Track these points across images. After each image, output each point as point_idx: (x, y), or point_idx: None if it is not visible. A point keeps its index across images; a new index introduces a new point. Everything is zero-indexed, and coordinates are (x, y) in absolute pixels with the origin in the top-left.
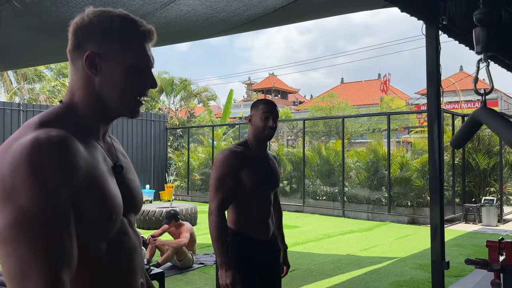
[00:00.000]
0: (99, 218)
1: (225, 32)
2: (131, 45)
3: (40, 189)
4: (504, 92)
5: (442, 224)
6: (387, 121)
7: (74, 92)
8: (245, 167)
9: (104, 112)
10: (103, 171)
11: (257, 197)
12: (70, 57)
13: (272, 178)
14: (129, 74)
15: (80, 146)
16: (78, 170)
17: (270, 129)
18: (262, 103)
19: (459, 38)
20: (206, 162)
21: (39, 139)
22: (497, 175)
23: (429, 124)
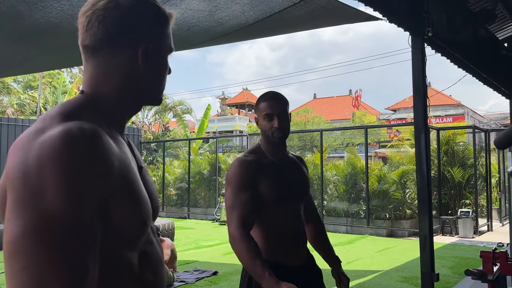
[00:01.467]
0: (133, 225)
1: (207, 42)
2: (167, 32)
3: (73, 193)
4: (470, 108)
5: (431, 236)
6: (365, 134)
7: (103, 81)
8: (261, 176)
9: (137, 103)
10: (135, 172)
11: (283, 211)
12: (111, 44)
13: (299, 186)
14: (167, 63)
15: (112, 142)
16: (113, 170)
17: (277, 130)
18: (262, 100)
19: (442, 50)
20: (182, 177)
21: (71, 132)
22: (472, 188)
23: (416, 135)
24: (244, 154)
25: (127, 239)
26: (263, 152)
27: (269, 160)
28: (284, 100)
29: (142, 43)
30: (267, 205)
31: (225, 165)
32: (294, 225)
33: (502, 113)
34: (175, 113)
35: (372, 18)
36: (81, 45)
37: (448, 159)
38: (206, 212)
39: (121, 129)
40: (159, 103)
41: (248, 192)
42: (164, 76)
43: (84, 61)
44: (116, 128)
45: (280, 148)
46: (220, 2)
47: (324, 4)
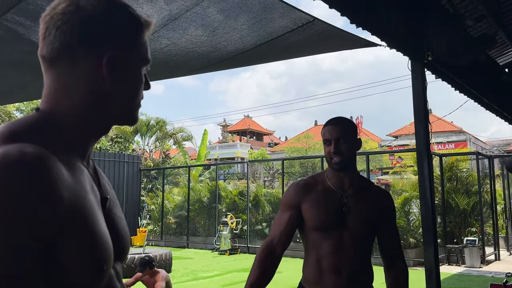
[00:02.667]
0: (85, 270)
1: (205, 68)
2: (140, 41)
3: (6, 231)
4: (472, 134)
5: (437, 266)
6: (366, 160)
7: (61, 97)
8: (306, 200)
9: (103, 123)
10: (92, 205)
11: (329, 241)
12: (69, 54)
13: (356, 218)
14: (140, 76)
15: (63, 169)
16: (60, 203)
17: (334, 155)
18: (324, 125)
19: (442, 75)
20: (182, 204)
21: (8, 157)
22: (477, 215)
23: (419, 161)
24: (307, 177)
25: (79, 287)
26: (324, 177)
27: (326, 186)
28: (345, 125)
29: (107, 53)
30: (311, 231)
31: (225, 192)
32: (341, 258)
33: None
34: (176, 140)
35: (371, 44)
36: (39, 55)
37: (451, 186)
38: (205, 241)
39: (83, 154)
40: (133, 123)
41: (287, 214)
42: (136, 91)
43: (44, 74)
44: (77, 153)
45: (343, 175)
46: (218, 27)
47: (322, 30)
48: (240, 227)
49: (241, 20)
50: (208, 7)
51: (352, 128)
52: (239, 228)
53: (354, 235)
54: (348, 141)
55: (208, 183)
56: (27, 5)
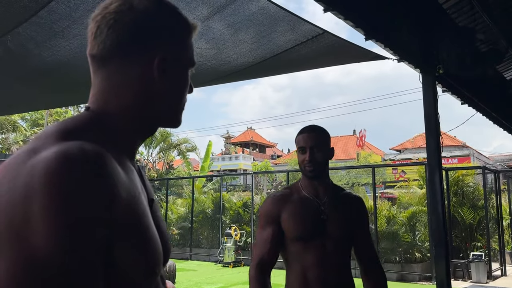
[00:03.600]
0: (139, 273)
1: (213, 81)
2: (188, 44)
3: (68, 228)
4: (475, 149)
5: (449, 280)
6: (372, 173)
7: (111, 97)
8: (284, 211)
9: (150, 124)
10: (145, 206)
11: (311, 251)
12: (120, 53)
13: (334, 224)
14: (187, 78)
15: (119, 168)
16: (119, 202)
17: (308, 163)
18: (298, 133)
19: (452, 89)
20: (185, 216)
21: (69, 154)
22: (483, 230)
23: (430, 174)
24: (280, 189)
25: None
26: (299, 187)
27: (302, 196)
28: (320, 133)
29: (159, 53)
30: (292, 242)
31: (229, 203)
32: (325, 268)
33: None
34: (180, 151)
35: (380, 57)
36: (89, 54)
37: (457, 200)
38: (209, 253)
39: (131, 155)
40: (177, 125)
41: (270, 229)
42: (183, 94)
43: (92, 73)
44: (126, 152)
45: (317, 183)
46: (227, 41)
47: (331, 43)
48: (244, 239)
49: (251, 33)
50: (218, 21)
51: (326, 137)
52: (243, 240)
53: (335, 243)
54: (322, 149)
55: (212, 194)
56: (39, 19)
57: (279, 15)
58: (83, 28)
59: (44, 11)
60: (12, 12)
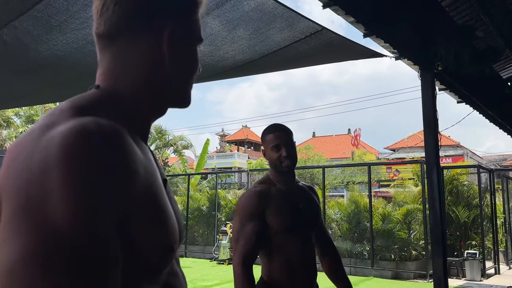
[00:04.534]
0: (158, 250)
1: (210, 77)
2: (197, 20)
3: (88, 204)
4: (469, 149)
5: (446, 277)
6: (368, 172)
7: (121, 75)
8: (269, 205)
9: (161, 102)
10: (161, 184)
11: (293, 239)
12: (128, 28)
13: (309, 214)
14: (196, 53)
15: (135, 145)
16: (137, 178)
17: (286, 158)
18: (268, 132)
19: (450, 87)
20: (181, 213)
21: (86, 128)
22: (478, 228)
23: (428, 171)
24: (254, 185)
25: (150, 268)
26: (272, 182)
27: (278, 188)
28: (289, 130)
29: (168, 27)
30: (276, 234)
31: (224, 201)
32: (304, 253)
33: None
34: (175, 149)
35: (378, 55)
36: (95, 33)
37: (452, 198)
38: (204, 250)
39: (144, 134)
40: (187, 105)
41: (253, 224)
42: (193, 72)
43: (99, 52)
44: (138, 131)
45: (289, 177)
46: (225, 37)
47: (330, 40)
48: None
49: (248, 30)
50: (216, 17)
51: (292, 132)
52: None
53: (311, 229)
54: (293, 145)
55: (208, 191)
56: (36, 13)
57: (277, 12)
58: (81, 23)
59: (41, 5)
60: (8, 5)
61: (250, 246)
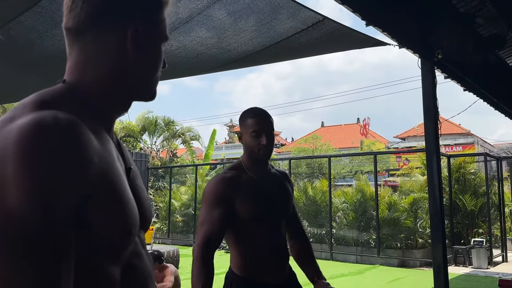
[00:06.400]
0: (114, 232)
1: (214, 69)
2: (160, 17)
3: (40, 190)
4: (480, 137)
5: (446, 264)
6: (374, 160)
7: (86, 68)
8: (238, 193)
9: (124, 96)
10: (119, 171)
11: (262, 228)
12: (97, 24)
13: (279, 203)
14: (160, 51)
15: (92, 136)
16: (92, 166)
17: (264, 148)
18: (249, 116)
19: (452, 74)
20: (189, 203)
21: (43, 122)
22: (485, 216)
23: (428, 159)
24: (224, 171)
25: (108, 249)
26: (243, 169)
27: (249, 176)
28: (271, 118)
29: (132, 25)
30: (244, 222)
31: None
32: (274, 242)
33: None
34: (184, 140)
35: (380, 43)
36: (64, 28)
37: (459, 187)
38: None
39: (108, 126)
40: (151, 99)
41: (220, 209)
42: (157, 68)
43: (67, 47)
44: (102, 124)
45: (262, 164)
46: (228, 29)
47: (332, 29)
48: None
49: (251, 21)
50: (219, 9)
51: (273, 121)
52: None
53: (282, 217)
54: (273, 134)
55: None
56: (40, 9)
57: (279, 2)
58: None
59: (45, 1)
60: (14, 1)
61: (214, 231)
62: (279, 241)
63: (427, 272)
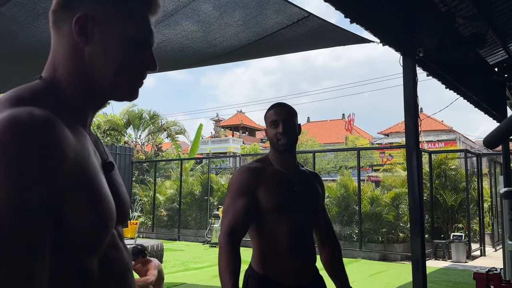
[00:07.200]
0: (90, 226)
1: (200, 63)
2: (132, 12)
3: (15, 183)
4: (462, 133)
5: (424, 258)
6: (357, 156)
7: (57, 65)
8: (262, 184)
9: (94, 91)
10: (95, 166)
11: (285, 223)
12: (54, 20)
13: (305, 199)
14: (127, 48)
15: (68, 132)
16: (66, 161)
17: (282, 135)
18: (268, 110)
19: (432, 72)
20: (174, 197)
21: (18, 118)
22: (464, 212)
23: (408, 155)
24: (250, 162)
25: (84, 242)
26: (270, 161)
27: (275, 169)
28: (290, 108)
29: (82, 13)
30: (266, 214)
31: (217, 185)
32: (297, 239)
33: None
34: (169, 134)
35: (365, 40)
36: None
37: (440, 182)
38: (197, 234)
39: (83, 122)
40: (129, 98)
41: (243, 200)
42: (122, 65)
43: None
44: (78, 120)
45: (288, 158)
46: (214, 24)
47: (317, 26)
48: None
49: (236, 16)
50: (205, 2)
51: (295, 112)
52: None
53: (306, 215)
54: (293, 124)
55: (200, 176)
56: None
57: None
58: None
59: None
60: None
61: (238, 220)
62: (302, 240)
63: (407, 265)
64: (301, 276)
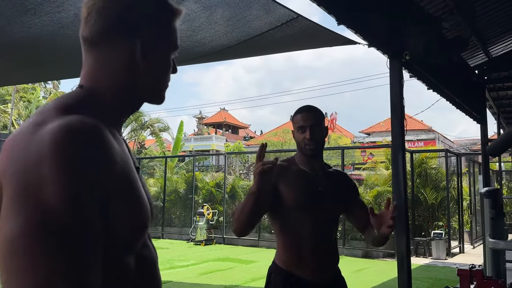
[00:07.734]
0: (133, 227)
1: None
2: (174, 29)
3: (75, 189)
4: (441, 133)
5: (409, 255)
6: (341, 155)
7: (99, 78)
8: (283, 180)
9: (134, 101)
10: (135, 171)
11: (308, 221)
12: (101, 39)
13: (330, 198)
14: (170, 60)
15: (112, 139)
16: (116, 167)
17: (309, 141)
18: (296, 113)
19: (418, 74)
20: (157, 195)
21: (72, 126)
22: (444, 210)
23: (394, 155)
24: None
25: (127, 242)
26: (295, 162)
27: (299, 168)
28: (317, 113)
29: (140, 37)
30: (290, 211)
31: (201, 183)
32: (318, 237)
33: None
34: (152, 131)
35: (351, 42)
36: (81, 36)
37: (421, 181)
38: (181, 231)
39: (119, 127)
40: (160, 102)
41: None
42: (164, 74)
43: (83, 53)
44: (115, 126)
45: (314, 160)
46: (203, 23)
47: (305, 27)
48: (216, 218)
49: (226, 15)
50: (194, 2)
51: (323, 116)
52: (215, 219)
53: (328, 213)
54: (321, 128)
55: (185, 174)
56: None
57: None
58: (56, 7)
59: None
60: None
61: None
62: (323, 239)
63: (389, 262)
64: (322, 274)
